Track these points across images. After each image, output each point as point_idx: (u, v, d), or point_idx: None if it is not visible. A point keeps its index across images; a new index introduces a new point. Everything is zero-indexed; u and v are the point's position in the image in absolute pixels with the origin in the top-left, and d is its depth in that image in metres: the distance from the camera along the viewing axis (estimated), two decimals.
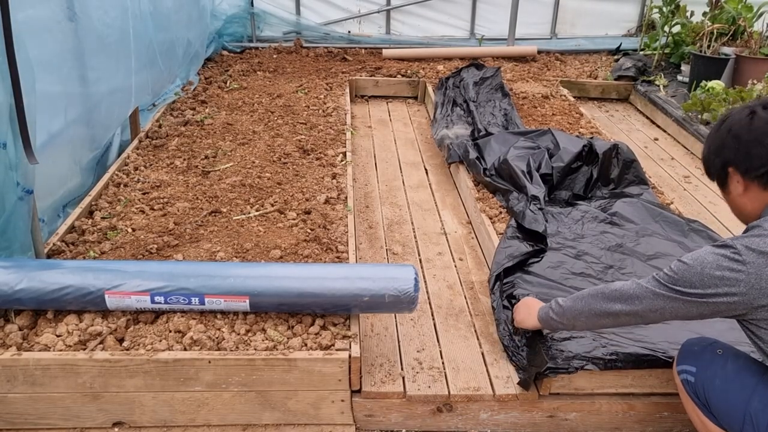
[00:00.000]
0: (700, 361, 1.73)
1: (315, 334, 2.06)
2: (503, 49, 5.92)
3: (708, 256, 1.50)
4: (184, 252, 2.48)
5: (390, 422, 2.09)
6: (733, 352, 1.73)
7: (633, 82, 5.44)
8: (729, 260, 1.46)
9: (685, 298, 1.53)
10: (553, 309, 1.90)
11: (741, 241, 1.48)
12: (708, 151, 1.65)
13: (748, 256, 1.45)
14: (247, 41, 6.01)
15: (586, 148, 3.26)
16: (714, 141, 1.62)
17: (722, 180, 1.62)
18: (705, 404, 1.69)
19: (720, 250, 1.50)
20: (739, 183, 1.57)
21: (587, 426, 2.12)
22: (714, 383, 1.66)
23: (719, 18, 5.27)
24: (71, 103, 2.83)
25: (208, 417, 2.02)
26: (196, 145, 3.58)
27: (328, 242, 2.61)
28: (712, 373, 1.68)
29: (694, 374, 1.72)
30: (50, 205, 2.72)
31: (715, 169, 1.62)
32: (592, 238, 2.78)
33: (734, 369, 1.66)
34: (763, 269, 1.43)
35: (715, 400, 1.65)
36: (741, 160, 1.54)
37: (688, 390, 1.74)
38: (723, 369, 1.67)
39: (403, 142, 4.40)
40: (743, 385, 1.60)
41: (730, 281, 1.46)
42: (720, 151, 1.59)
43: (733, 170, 1.56)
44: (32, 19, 2.44)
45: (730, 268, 1.46)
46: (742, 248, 1.46)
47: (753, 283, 1.44)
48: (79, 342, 1.97)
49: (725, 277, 1.46)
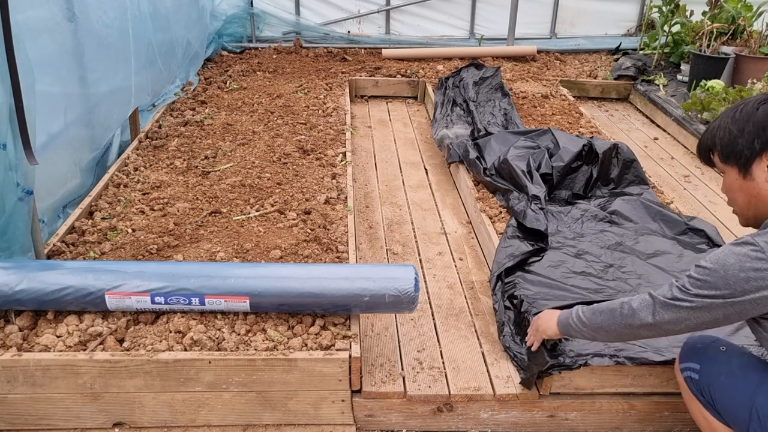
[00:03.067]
0: (704, 358, 1.71)
1: (315, 334, 2.06)
2: (503, 49, 5.92)
3: (729, 258, 1.44)
4: (184, 252, 2.48)
5: (390, 422, 2.09)
6: (737, 349, 1.72)
7: (633, 82, 5.44)
8: (752, 259, 1.40)
9: (711, 302, 1.46)
10: (573, 319, 1.80)
11: (762, 238, 1.42)
12: (739, 131, 1.51)
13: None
14: (246, 41, 6.01)
15: (586, 147, 3.26)
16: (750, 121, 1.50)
17: (749, 163, 1.50)
18: (710, 402, 1.67)
19: (741, 248, 1.43)
20: None
21: (588, 425, 2.12)
22: (719, 380, 1.64)
23: (719, 17, 5.27)
24: (71, 103, 2.82)
25: (209, 417, 2.02)
26: (195, 146, 3.58)
27: (328, 242, 2.61)
28: (716, 370, 1.66)
29: (698, 371, 1.70)
30: (50, 205, 2.72)
31: (749, 152, 1.49)
32: (591, 236, 2.78)
33: (739, 365, 1.64)
34: None
35: (721, 397, 1.63)
36: None
37: (692, 388, 1.72)
38: (728, 365, 1.65)
39: (403, 142, 4.40)
40: (748, 381, 1.59)
41: (756, 280, 1.40)
42: (763, 132, 1.47)
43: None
44: (32, 20, 2.44)
45: (754, 268, 1.40)
46: (764, 245, 1.40)
47: None
48: (79, 342, 1.97)
49: (750, 278, 1.40)
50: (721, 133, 1.56)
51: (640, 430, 2.13)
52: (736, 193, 1.58)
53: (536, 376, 2.04)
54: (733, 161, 1.54)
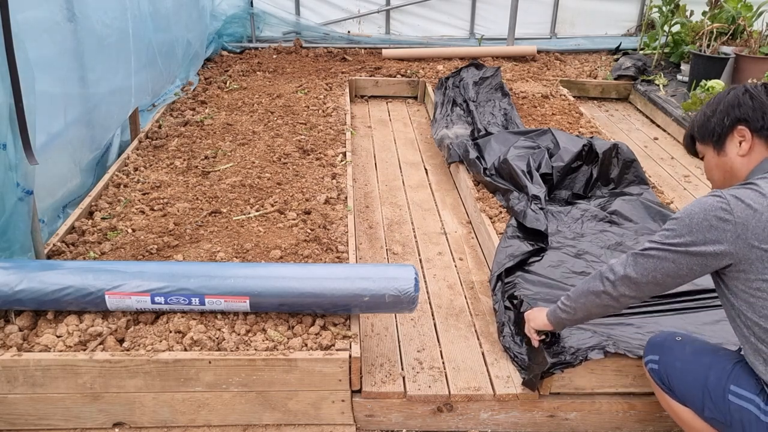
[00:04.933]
0: (662, 349, 1.81)
1: (315, 334, 2.06)
2: (503, 49, 5.92)
3: (696, 207, 1.52)
4: (184, 252, 2.48)
5: (390, 422, 2.09)
6: (691, 338, 1.84)
7: (633, 82, 5.44)
8: (717, 209, 1.47)
9: (676, 250, 1.54)
10: (560, 302, 1.89)
11: (731, 191, 1.50)
12: (711, 112, 1.66)
13: (736, 207, 1.46)
14: (246, 41, 6.01)
15: (586, 147, 3.26)
16: (721, 103, 1.64)
17: (722, 139, 1.63)
18: (670, 388, 1.76)
19: (708, 198, 1.51)
20: (744, 141, 1.60)
21: (588, 425, 2.12)
22: (675, 366, 1.74)
23: (719, 17, 5.27)
24: (71, 103, 2.82)
25: (209, 417, 2.01)
26: (195, 146, 3.58)
27: (328, 242, 2.61)
28: (672, 358, 1.75)
29: (657, 362, 1.79)
30: (50, 205, 2.72)
31: (720, 128, 1.63)
32: (591, 236, 2.78)
33: (692, 351, 1.74)
34: (749, 221, 1.44)
35: (677, 382, 1.72)
36: (758, 117, 1.57)
37: (655, 378, 1.80)
38: (682, 352, 1.75)
39: (403, 142, 4.40)
40: (700, 364, 1.68)
41: (717, 230, 1.47)
42: (732, 110, 1.61)
43: (744, 127, 1.59)
44: (32, 20, 2.44)
45: (717, 217, 1.47)
46: (730, 198, 1.47)
47: (739, 233, 1.45)
48: (79, 342, 1.97)
49: (713, 226, 1.47)
50: (697, 117, 1.73)
51: (640, 430, 2.13)
52: (713, 172, 1.70)
53: (539, 377, 2.03)
54: (708, 140, 1.68)
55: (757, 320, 1.50)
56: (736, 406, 1.57)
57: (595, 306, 1.76)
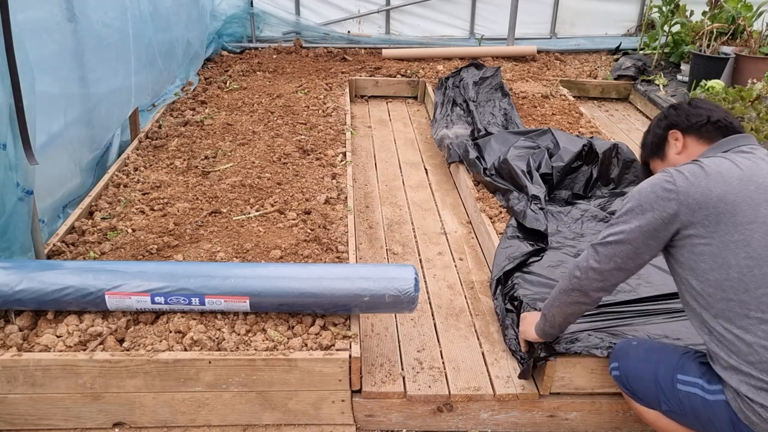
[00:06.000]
0: (620, 354, 1.89)
1: (315, 334, 2.06)
2: (503, 49, 5.92)
3: (644, 184, 1.67)
4: (184, 252, 2.48)
5: (390, 422, 2.09)
6: (645, 340, 1.97)
7: (633, 82, 5.44)
8: (662, 181, 1.63)
9: (630, 230, 1.64)
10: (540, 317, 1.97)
11: (676, 168, 1.66)
12: (649, 130, 1.91)
13: (678, 177, 1.61)
14: (246, 41, 6.01)
15: (586, 147, 3.26)
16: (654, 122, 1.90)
17: (661, 148, 1.86)
18: (633, 392, 1.82)
19: (656, 176, 1.67)
20: (678, 141, 1.81)
21: (588, 425, 2.12)
22: (631, 368, 1.82)
23: (719, 17, 5.27)
24: (71, 103, 2.83)
25: (209, 417, 2.02)
26: (195, 146, 3.58)
27: (328, 242, 2.61)
28: (628, 361, 1.84)
29: (618, 368, 1.86)
30: (50, 205, 2.72)
31: (657, 138, 1.86)
32: (591, 237, 2.77)
33: (645, 350, 1.84)
34: (689, 189, 1.58)
35: (635, 383, 1.80)
36: (683, 120, 1.80)
37: (619, 384, 1.87)
38: (636, 354, 1.84)
39: (403, 142, 4.40)
40: (650, 361, 1.78)
41: (663, 200, 1.60)
42: (661, 122, 1.86)
43: (675, 131, 1.81)
44: (32, 20, 2.44)
45: (663, 188, 1.61)
46: (674, 171, 1.64)
47: (682, 200, 1.58)
48: (79, 342, 1.97)
49: (659, 197, 1.61)
50: (641, 145, 1.97)
51: (640, 430, 2.13)
52: None
53: (533, 366, 2.05)
54: (653, 155, 1.90)
55: (701, 288, 1.59)
56: (684, 393, 1.66)
57: (567, 305, 1.84)
